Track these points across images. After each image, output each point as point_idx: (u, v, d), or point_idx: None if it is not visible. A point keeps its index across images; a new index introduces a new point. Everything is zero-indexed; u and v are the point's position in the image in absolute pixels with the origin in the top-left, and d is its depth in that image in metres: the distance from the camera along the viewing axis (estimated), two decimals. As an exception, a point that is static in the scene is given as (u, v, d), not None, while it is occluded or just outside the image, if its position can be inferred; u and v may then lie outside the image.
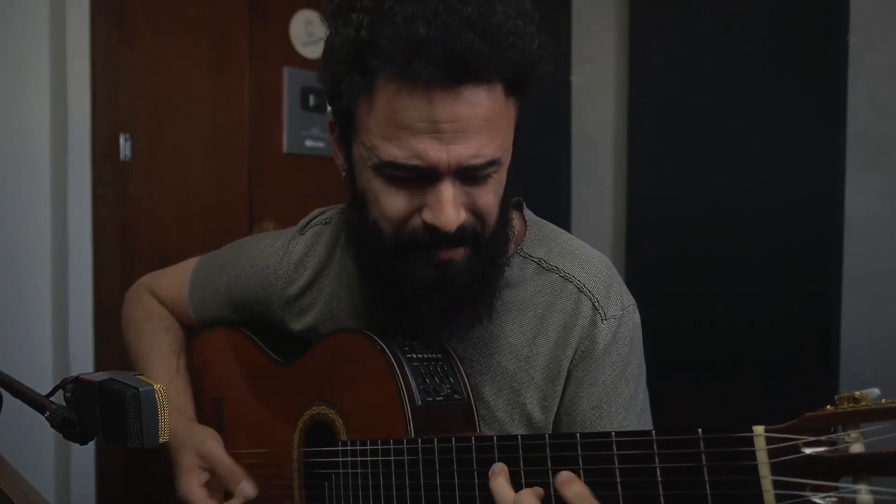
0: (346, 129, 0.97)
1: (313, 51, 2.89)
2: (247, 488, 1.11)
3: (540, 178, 2.83)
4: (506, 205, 1.00)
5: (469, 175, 0.91)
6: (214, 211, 2.71)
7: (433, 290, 0.95)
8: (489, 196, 0.94)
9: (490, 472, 0.84)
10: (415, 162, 0.89)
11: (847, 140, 2.24)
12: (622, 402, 1.02)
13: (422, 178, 0.91)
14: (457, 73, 0.85)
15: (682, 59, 2.56)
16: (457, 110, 0.87)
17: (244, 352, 1.23)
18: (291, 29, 2.87)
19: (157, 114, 2.59)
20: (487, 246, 0.97)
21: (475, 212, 0.94)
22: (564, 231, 1.13)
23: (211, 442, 1.15)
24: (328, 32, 0.96)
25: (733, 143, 2.45)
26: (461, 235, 0.93)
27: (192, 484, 1.13)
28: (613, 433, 0.77)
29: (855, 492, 0.63)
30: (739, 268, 2.43)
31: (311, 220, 1.21)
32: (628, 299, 1.06)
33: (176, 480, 1.16)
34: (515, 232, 1.06)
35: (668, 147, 2.61)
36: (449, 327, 1.00)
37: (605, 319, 1.02)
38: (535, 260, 1.07)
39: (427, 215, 0.91)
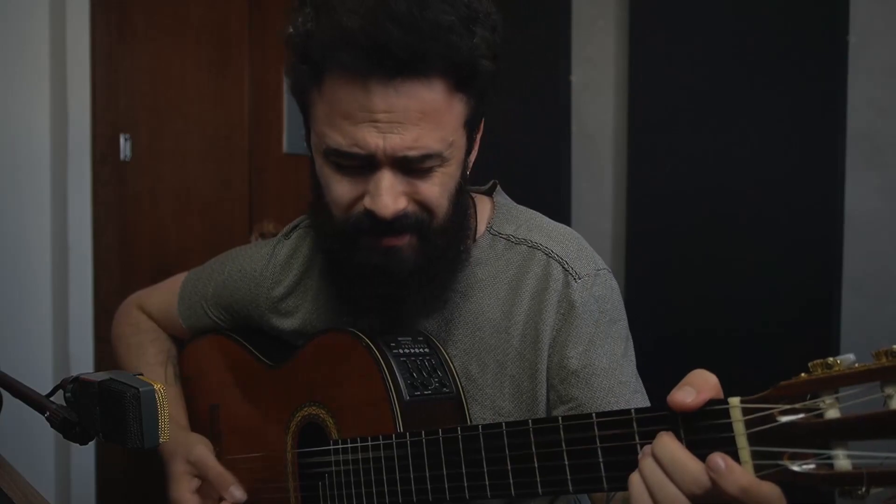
0: (305, 119, 1.02)
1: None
2: (236, 493, 1.12)
3: (540, 178, 2.83)
4: (461, 198, 1.02)
5: (409, 166, 0.95)
6: (214, 211, 2.71)
7: (375, 275, 0.99)
8: (433, 189, 0.97)
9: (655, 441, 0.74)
10: (355, 150, 0.93)
11: (847, 140, 2.24)
12: (613, 359, 1.01)
13: (363, 165, 0.95)
14: (390, 66, 0.89)
15: (682, 59, 2.56)
16: (392, 101, 0.91)
17: (236, 357, 1.24)
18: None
19: (157, 114, 2.59)
20: (435, 236, 0.99)
21: (419, 202, 0.97)
22: (534, 211, 1.15)
23: (199, 447, 1.16)
24: (289, 27, 1.00)
25: (733, 142, 2.45)
26: (402, 223, 0.96)
27: (183, 490, 1.14)
28: (594, 415, 0.77)
29: (832, 457, 0.62)
30: (739, 267, 2.43)
31: (296, 225, 1.24)
32: (601, 263, 1.08)
33: (167, 489, 1.16)
34: (476, 220, 1.10)
35: (668, 147, 2.60)
36: (393, 314, 1.02)
37: (579, 278, 1.03)
38: (504, 236, 1.09)
39: (367, 201, 0.95)
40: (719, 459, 0.66)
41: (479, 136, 1.08)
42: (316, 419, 1.07)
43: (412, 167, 0.95)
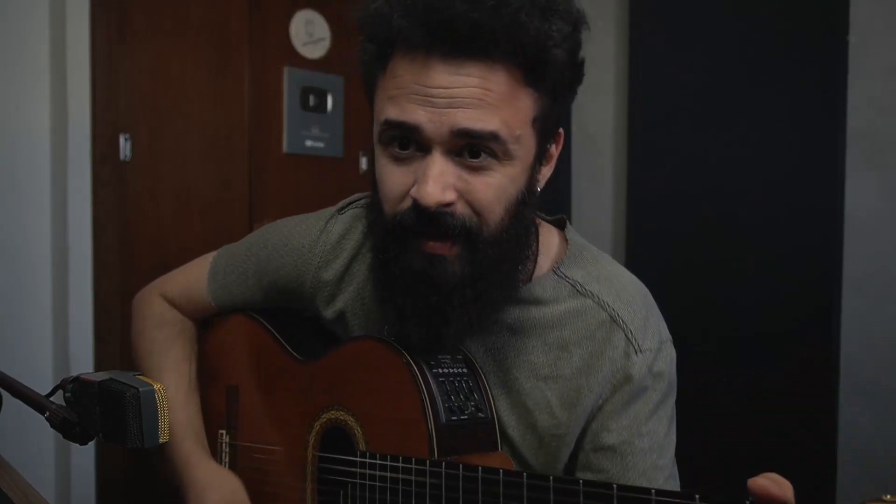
0: (370, 106, 0.97)
1: (313, 51, 2.89)
2: None
3: (540, 178, 2.83)
4: (523, 212, 0.95)
5: (465, 153, 0.89)
6: (214, 211, 2.71)
7: (417, 281, 0.92)
8: (488, 189, 0.90)
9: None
10: (405, 119, 0.88)
11: (847, 139, 2.24)
12: (655, 439, 0.98)
13: (416, 149, 0.90)
14: (451, 42, 0.85)
15: (682, 60, 2.56)
16: (451, 79, 0.86)
17: (263, 343, 1.19)
18: (291, 29, 2.87)
19: (157, 114, 2.59)
20: (485, 248, 0.92)
21: (470, 202, 0.90)
22: (607, 256, 1.09)
23: (241, 493, 1.14)
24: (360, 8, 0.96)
25: (733, 142, 2.45)
26: (448, 223, 0.89)
27: None
28: (653, 491, 0.74)
29: None
30: (739, 267, 2.43)
31: (351, 202, 1.17)
32: (665, 334, 1.02)
33: None
34: (539, 248, 1.03)
35: (668, 147, 2.61)
36: (434, 331, 0.95)
37: (640, 352, 0.97)
38: (571, 282, 1.02)
39: (413, 189, 0.89)
40: None
41: (556, 150, 1.01)
42: (343, 424, 1.04)
43: (469, 156, 0.88)
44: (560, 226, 1.10)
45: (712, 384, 2.42)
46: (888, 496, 0.63)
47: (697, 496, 0.70)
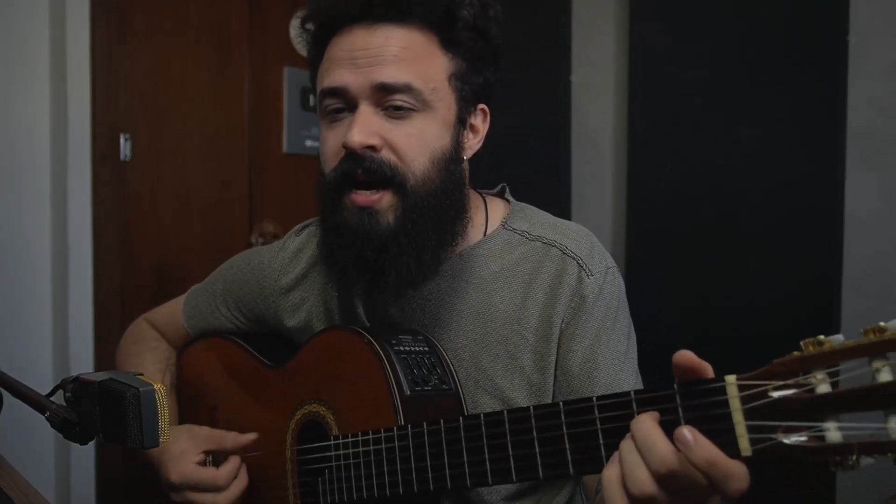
0: (315, 94, 1.07)
1: (313, 51, 2.89)
2: (242, 438, 1.13)
3: (540, 177, 2.83)
4: (448, 168, 1.03)
5: (386, 102, 0.98)
6: (214, 211, 2.71)
7: (351, 234, 0.99)
8: (409, 137, 0.99)
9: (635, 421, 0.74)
10: (335, 84, 1.00)
11: (847, 140, 2.24)
12: (615, 355, 1.04)
13: (346, 107, 1.00)
14: (369, 12, 0.99)
15: (682, 59, 2.56)
16: (369, 41, 0.99)
17: (235, 359, 1.24)
18: (291, 29, 2.87)
19: (157, 114, 2.59)
20: (413, 196, 0.99)
21: (394, 148, 0.99)
22: (545, 211, 1.17)
23: (196, 427, 1.17)
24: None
25: (733, 142, 2.45)
26: (375, 168, 0.97)
27: (188, 463, 1.13)
28: (595, 398, 0.78)
29: (824, 430, 0.64)
30: (739, 267, 2.43)
31: (308, 223, 1.24)
32: (611, 262, 1.10)
33: (167, 475, 1.14)
34: (487, 216, 1.12)
35: (668, 147, 2.61)
36: (377, 281, 1.01)
37: (591, 275, 1.05)
38: (520, 232, 1.11)
39: (343, 140, 0.98)
40: (686, 432, 0.68)
41: (482, 124, 1.09)
42: (316, 417, 1.07)
43: (390, 104, 0.98)
44: (501, 193, 1.19)
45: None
46: None
47: (632, 392, 0.76)
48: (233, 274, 1.27)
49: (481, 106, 1.09)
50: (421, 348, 1.03)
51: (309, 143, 2.92)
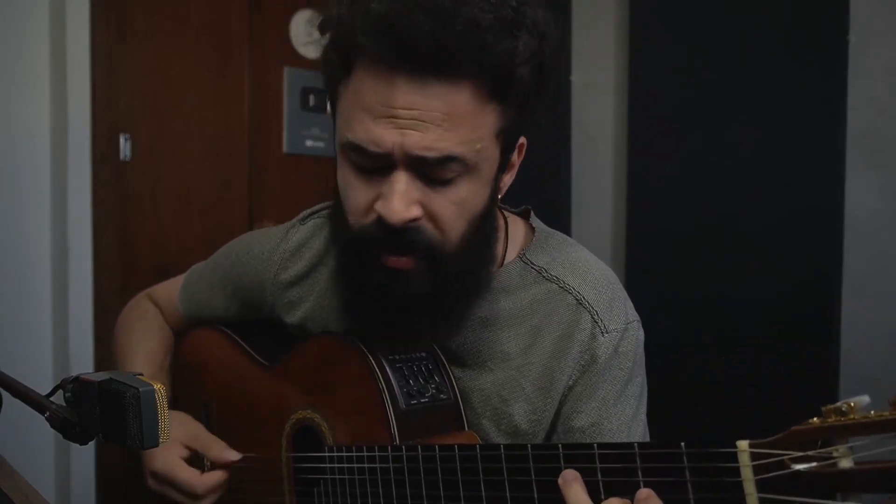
0: (333, 115, 0.96)
1: (313, 51, 2.88)
2: (230, 455, 1.12)
3: (540, 177, 2.83)
4: (486, 223, 0.95)
5: (426, 171, 0.87)
6: (214, 211, 2.71)
7: (378, 294, 0.92)
8: (449, 205, 0.89)
9: (561, 480, 0.76)
10: (371, 147, 0.86)
11: (847, 140, 2.24)
12: (623, 420, 0.98)
13: (380, 166, 0.88)
14: (415, 61, 0.82)
15: (682, 59, 2.56)
16: (414, 99, 0.84)
17: (230, 354, 1.22)
18: (291, 29, 2.87)
19: (157, 114, 2.59)
20: (447, 262, 0.91)
21: (434, 217, 0.89)
22: (573, 241, 1.09)
23: (191, 420, 1.17)
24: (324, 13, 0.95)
25: (733, 142, 2.44)
26: (411, 239, 0.89)
27: (174, 458, 1.13)
28: (596, 445, 0.75)
29: None
30: (739, 267, 2.43)
31: (314, 212, 1.18)
32: (632, 314, 1.03)
33: (150, 465, 1.14)
34: (507, 243, 1.04)
35: (668, 147, 2.60)
36: (397, 335, 0.97)
37: (606, 333, 0.98)
38: (536, 268, 1.03)
39: (378, 205, 0.88)
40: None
41: (517, 158, 1.01)
42: (311, 423, 1.05)
43: (431, 173, 0.87)
44: (525, 216, 1.11)
45: (713, 384, 2.41)
46: None
47: (636, 445, 0.71)
48: (231, 262, 1.22)
49: (521, 141, 1.00)
50: (417, 354, 1.00)
51: (309, 143, 2.92)
